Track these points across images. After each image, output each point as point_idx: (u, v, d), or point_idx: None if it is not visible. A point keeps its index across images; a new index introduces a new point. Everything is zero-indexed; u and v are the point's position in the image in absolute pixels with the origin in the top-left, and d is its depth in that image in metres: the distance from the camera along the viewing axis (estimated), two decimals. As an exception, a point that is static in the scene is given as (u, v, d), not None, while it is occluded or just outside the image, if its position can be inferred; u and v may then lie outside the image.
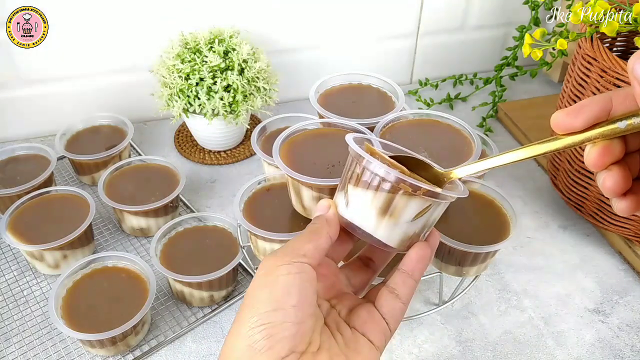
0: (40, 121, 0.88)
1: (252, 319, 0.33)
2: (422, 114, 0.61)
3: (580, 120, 0.30)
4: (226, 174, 0.83)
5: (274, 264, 0.35)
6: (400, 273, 0.39)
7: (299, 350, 0.34)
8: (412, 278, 0.39)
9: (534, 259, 0.71)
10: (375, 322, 0.38)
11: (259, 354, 0.32)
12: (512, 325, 0.63)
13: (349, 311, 0.39)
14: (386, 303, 0.38)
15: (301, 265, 0.35)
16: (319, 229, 0.38)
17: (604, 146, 0.30)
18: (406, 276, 0.39)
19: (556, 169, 0.74)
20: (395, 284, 0.39)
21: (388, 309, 0.38)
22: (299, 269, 0.35)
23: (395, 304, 0.38)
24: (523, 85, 1.03)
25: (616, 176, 0.31)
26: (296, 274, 0.35)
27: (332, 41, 0.94)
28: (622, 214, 0.32)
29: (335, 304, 0.39)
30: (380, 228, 0.38)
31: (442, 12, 0.96)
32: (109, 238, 0.72)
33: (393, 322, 0.38)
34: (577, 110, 0.31)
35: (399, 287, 0.39)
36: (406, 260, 0.39)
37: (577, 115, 0.30)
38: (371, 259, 0.44)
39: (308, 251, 0.36)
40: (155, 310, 0.64)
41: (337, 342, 0.36)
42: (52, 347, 0.60)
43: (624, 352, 0.60)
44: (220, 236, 0.66)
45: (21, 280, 0.67)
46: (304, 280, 0.35)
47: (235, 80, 0.74)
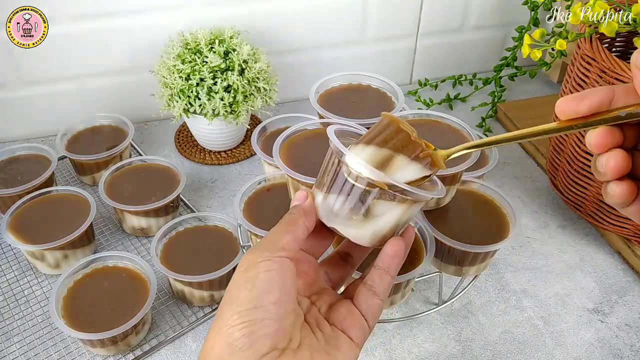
0: (41, 121, 0.88)
1: (233, 316, 0.33)
2: (421, 114, 0.61)
3: (585, 106, 0.31)
4: (226, 174, 0.83)
5: (253, 260, 0.35)
6: (377, 270, 0.39)
7: (280, 347, 0.34)
8: (388, 274, 0.39)
9: (534, 259, 0.71)
10: (355, 319, 0.38)
11: (240, 351, 0.32)
12: (511, 324, 0.63)
13: (329, 308, 0.39)
14: (364, 300, 0.39)
15: (281, 260, 0.35)
16: (295, 219, 0.38)
17: (605, 129, 0.31)
18: (382, 272, 0.39)
19: (555, 169, 0.74)
20: (372, 280, 0.39)
21: (366, 305, 0.39)
22: (278, 264, 0.35)
23: (373, 300, 0.39)
24: (522, 85, 1.03)
25: (618, 156, 0.31)
26: (276, 270, 0.35)
27: (332, 41, 0.94)
28: (618, 199, 0.32)
29: (315, 301, 0.40)
30: (351, 227, 0.38)
31: (442, 12, 0.97)
32: (110, 238, 0.73)
33: (371, 318, 0.39)
34: (581, 97, 0.31)
35: (375, 284, 0.39)
36: (381, 256, 0.39)
37: (582, 101, 0.31)
38: (349, 254, 0.44)
39: (286, 244, 0.36)
40: (155, 309, 0.64)
41: (317, 339, 0.37)
42: (52, 347, 0.60)
43: (623, 351, 0.60)
44: (220, 236, 0.66)
45: (22, 280, 0.67)
46: (285, 276, 0.35)
47: (236, 80, 0.74)
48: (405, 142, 0.37)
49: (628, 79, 0.58)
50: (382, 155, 0.37)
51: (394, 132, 0.38)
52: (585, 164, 0.67)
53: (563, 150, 0.71)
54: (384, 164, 0.37)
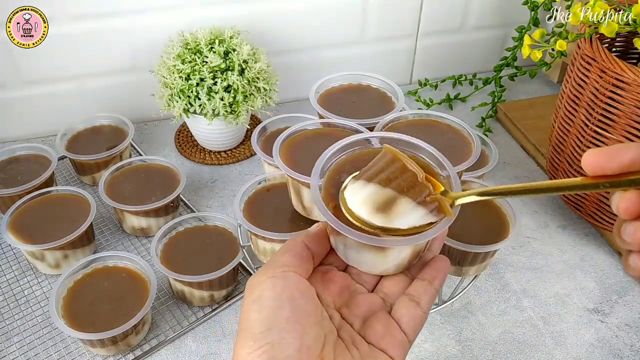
0: (41, 121, 0.88)
1: (248, 342, 0.31)
2: (421, 114, 0.61)
3: (615, 164, 0.28)
4: (226, 174, 0.83)
5: (256, 282, 0.34)
6: (421, 281, 0.37)
7: None
8: (432, 286, 0.37)
9: (533, 259, 0.71)
10: (394, 336, 0.35)
11: None
12: (511, 324, 0.63)
13: (363, 322, 0.37)
14: (407, 312, 0.36)
15: (284, 274, 0.34)
16: (293, 238, 0.37)
17: (637, 193, 0.27)
18: (427, 284, 0.37)
19: (555, 169, 0.74)
20: (416, 291, 0.37)
21: (409, 318, 0.36)
22: (282, 279, 0.33)
23: (417, 312, 0.36)
24: (522, 85, 1.03)
25: None
26: (281, 285, 0.33)
27: (332, 41, 0.94)
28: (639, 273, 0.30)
29: (346, 315, 0.37)
30: (365, 264, 0.37)
31: (442, 12, 0.97)
32: (110, 238, 0.73)
33: (412, 332, 0.36)
34: (612, 152, 0.28)
35: (420, 295, 0.36)
36: (427, 269, 0.38)
37: (612, 158, 0.28)
38: None
39: (286, 260, 0.35)
40: (155, 309, 0.64)
41: (352, 357, 0.34)
42: (52, 347, 0.60)
43: (623, 351, 0.60)
44: (220, 236, 0.66)
45: (22, 280, 0.67)
46: (293, 290, 0.33)
47: (236, 80, 0.74)
48: (411, 184, 0.35)
49: (628, 79, 0.58)
50: (385, 196, 0.34)
51: (398, 171, 0.35)
52: (585, 164, 0.67)
53: (563, 151, 0.71)
54: (387, 206, 0.34)
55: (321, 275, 0.37)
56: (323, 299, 0.36)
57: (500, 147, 0.88)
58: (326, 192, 0.37)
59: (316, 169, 0.38)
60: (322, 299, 0.36)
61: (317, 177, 0.38)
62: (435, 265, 0.38)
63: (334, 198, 0.37)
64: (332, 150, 0.40)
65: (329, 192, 0.38)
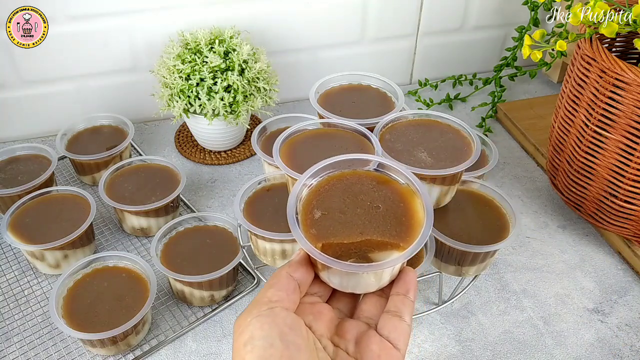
0: (41, 121, 0.88)
1: None
2: (421, 114, 0.61)
3: None
4: (226, 174, 0.84)
5: (244, 322, 0.33)
6: (398, 296, 0.38)
7: None
8: (409, 299, 0.38)
9: (533, 259, 0.71)
10: (389, 352, 0.36)
11: None
12: (511, 324, 0.63)
13: (356, 345, 0.37)
14: (393, 327, 0.37)
15: (270, 311, 0.33)
16: (277, 273, 0.37)
17: None
18: (403, 297, 0.38)
19: (555, 169, 0.74)
20: (396, 306, 0.38)
21: (397, 333, 0.36)
22: (269, 316, 0.33)
23: (403, 326, 0.37)
24: (522, 85, 1.03)
25: None
26: (269, 323, 0.33)
27: (332, 41, 0.94)
28: None
29: (338, 342, 0.37)
30: (349, 288, 0.38)
31: (442, 12, 0.97)
32: (110, 238, 0.73)
33: (403, 344, 0.37)
34: None
35: (400, 309, 0.37)
36: (399, 283, 0.38)
37: None
38: None
39: (271, 295, 0.35)
40: (155, 309, 0.64)
41: None
42: (52, 347, 0.60)
43: (623, 351, 0.60)
44: (220, 236, 0.66)
45: (22, 280, 0.67)
46: (281, 325, 0.33)
47: (236, 80, 0.74)
48: None
49: (628, 79, 0.58)
50: None
51: None
52: (585, 164, 0.67)
53: (563, 150, 0.71)
54: None
55: (310, 307, 0.37)
56: (315, 330, 0.36)
57: (500, 147, 0.88)
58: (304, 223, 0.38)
59: (291, 197, 0.39)
60: (315, 329, 0.36)
61: (293, 208, 0.38)
62: (406, 279, 0.38)
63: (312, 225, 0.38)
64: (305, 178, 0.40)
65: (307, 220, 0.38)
